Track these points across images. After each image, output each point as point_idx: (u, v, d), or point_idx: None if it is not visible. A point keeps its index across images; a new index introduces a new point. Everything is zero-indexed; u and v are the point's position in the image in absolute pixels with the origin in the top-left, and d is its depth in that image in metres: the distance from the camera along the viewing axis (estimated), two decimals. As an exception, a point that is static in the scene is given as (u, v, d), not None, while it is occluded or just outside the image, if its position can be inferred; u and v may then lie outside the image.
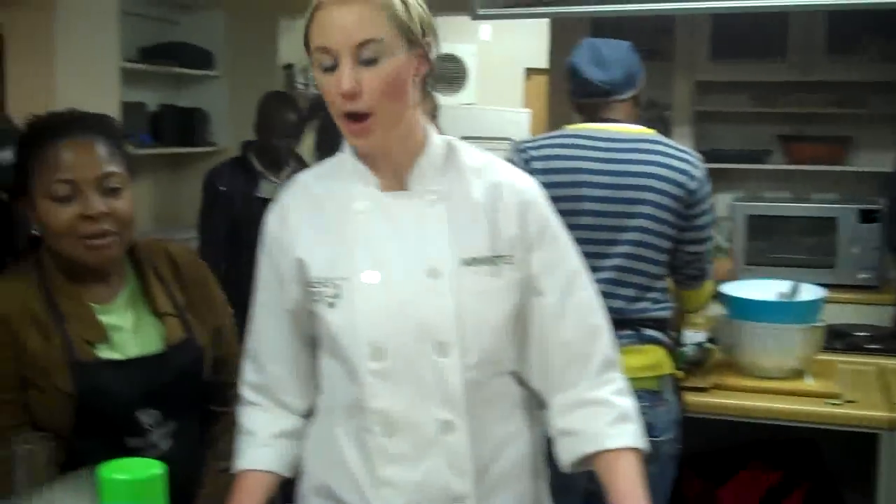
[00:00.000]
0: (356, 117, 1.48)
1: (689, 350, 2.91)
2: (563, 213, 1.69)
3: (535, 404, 1.67)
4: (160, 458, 1.64)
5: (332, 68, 1.46)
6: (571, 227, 1.69)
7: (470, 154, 1.64)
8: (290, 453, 1.68)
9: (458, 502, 1.57)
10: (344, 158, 1.62)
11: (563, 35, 5.23)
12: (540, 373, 1.62)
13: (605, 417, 1.58)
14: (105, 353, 1.74)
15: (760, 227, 4.90)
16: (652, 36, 5.04)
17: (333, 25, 1.45)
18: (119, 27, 4.69)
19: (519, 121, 7.10)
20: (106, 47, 4.68)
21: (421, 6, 1.53)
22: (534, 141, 2.68)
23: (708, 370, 2.96)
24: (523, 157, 2.60)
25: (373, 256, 1.55)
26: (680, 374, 2.65)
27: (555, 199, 1.70)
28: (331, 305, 1.56)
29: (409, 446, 1.57)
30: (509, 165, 1.68)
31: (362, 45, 1.45)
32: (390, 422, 1.56)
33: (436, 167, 1.59)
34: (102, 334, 1.75)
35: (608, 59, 2.63)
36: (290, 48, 5.66)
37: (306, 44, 1.51)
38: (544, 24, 5.75)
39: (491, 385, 1.59)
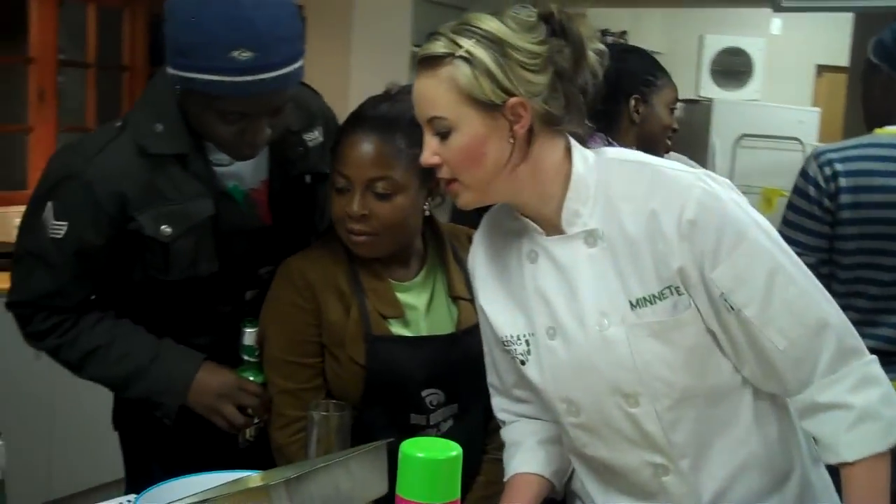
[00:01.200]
0: (447, 181, 1.47)
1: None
2: (876, 239, 1.54)
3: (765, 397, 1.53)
4: (441, 437, 1.70)
5: None
6: (886, 254, 1.53)
7: (620, 176, 1.49)
8: (557, 459, 1.65)
9: None
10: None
11: (870, 30, 4.91)
12: (767, 380, 1.48)
13: (842, 423, 1.43)
14: (398, 330, 1.79)
15: None
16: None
17: (415, 95, 1.46)
18: (413, 13, 4.85)
19: (807, 120, 6.79)
20: (399, 33, 4.85)
21: (501, 67, 1.40)
22: (838, 150, 2.28)
23: None
24: (826, 172, 2.24)
25: (548, 310, 1.50)
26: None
27: (865, 222, 1.55)
28: (523, 363, 1.55)
29: (633, 487, 1.56)
30: (662, 176, 1.46)
31: (430, 120, 1.43)
32: (607, 466, 1.56)
33: (586, 200, 1.48)
34: (399, 311, 1.79)
35: None
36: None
37: None
38: (844, 18, 5.43)
39: (695, 418, 1.49)
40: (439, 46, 1.41)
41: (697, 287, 1.42)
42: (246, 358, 1.85)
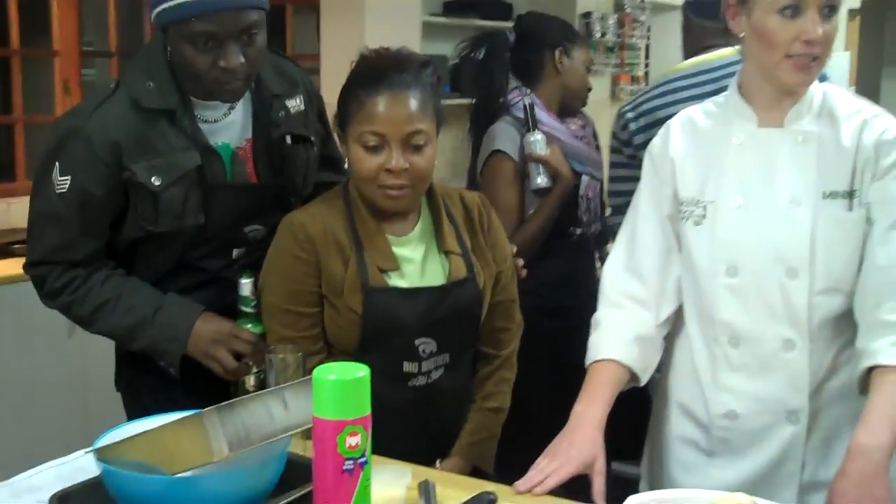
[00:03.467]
0: (811, 61, 1.65)
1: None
2: None
3: None
4: (431, 386, 1.92)
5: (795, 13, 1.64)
6: None
7: (843, 100, 1.75)
8: (644, 356, 1.81)
9: (793, 415, 1.73)
10: (729, 96, 1.80)
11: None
12: (858, 296, 1.69)
13: (891, 337, 1.60)
14: (394, 281, 1.88)
15: None
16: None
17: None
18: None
19: (838, 64, 6.71)
20: (410, 2, 4.92)
21: None
22: (631, 101, 2.60)
23: None
24: (619, 123, 2.56)
25: (741, 184, 1.73)
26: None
27: None
28: (696, 224, 1.77)
29: (751, 358, 1.74)
30: (879, 109, 1.76)
31: (830, 2, 1.63)
32: (736, 333, 1.75)
33: (811, 110, 1.72)
34: (395, 264, 1.89)
35: None
36: (588, -4, 5.69)
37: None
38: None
39: (832, 308, 1.71)
40: None
41: (866, 192, 1.68)
42: (243, 308, 1.96)
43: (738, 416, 1.76)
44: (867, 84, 4.99)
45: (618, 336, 1.80)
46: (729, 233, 1.74)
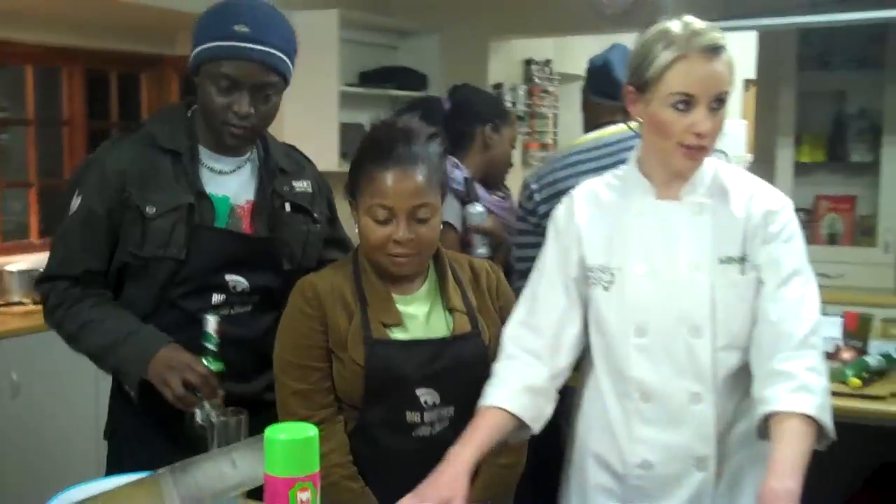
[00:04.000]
0: (699, 150, 1.81)
1: (871, 360, 2.89)
2: None
3: None
4: (436, 438, 1.95)
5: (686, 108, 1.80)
6: None
7: (732, 175, 1.91)
8: (534, 405, 1.91)
9: (701, 462, 1.87)
10: (628, 170, 1.95)
11: (772, 46, 5.18)
12: (753, 349, 1.84)
13: (788, 385, 1.74)
14: (396, 335, 1.96)
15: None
16: (863, 45, 4.92)
17: (707, 76, 1.79)
18: (340, 54, 5.07)
19: (733, 133, 7.03)
20: (327, 73, 5.07)
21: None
22: (535, 173, 2.78)
23: (891, 380, 2.90)
24: (525, 194, 2.73)
25: (644, 251, 1.88)
26: (857, 381, 2.64)
27: None
28: (605, 289, 1.91)
29: (662, 411, 1.88)
30: (763, 183, 1.92)
31: (719, 95, 1.78)
32: (647, 389, 1.88)
33: (704, 183, 1.87)
34: (397, 320, 1.96)
35: None
36: (499, 68, 5.90)
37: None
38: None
39: (732, 363, 1.86)
40: (721, 38, 1.80)
41: (756, 257, 1.83)
42: (205, 344, 2.03)
43: (653, 466, 1.89)
44: (763, 151, 5.27)
45: (508, 385, 1.90)
46: (636, 297, 1.88)
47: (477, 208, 2.88)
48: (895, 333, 3.20)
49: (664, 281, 1.87)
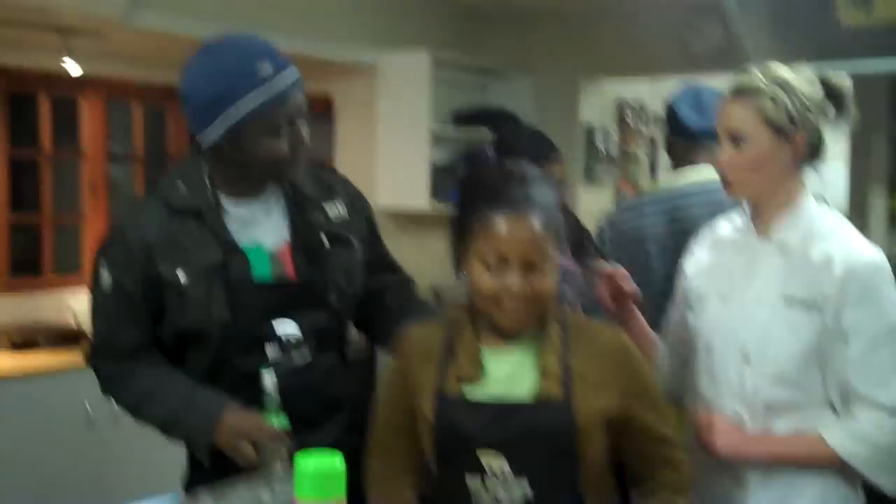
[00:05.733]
0: (726, 180, 2.01)
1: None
2: (633, 273, 2.18)
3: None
4: None
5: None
6: (641, 286, 2.17)
7: (826, 220, 2.00)
8: None
9: (739, 482, 2.01)
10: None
11: (863, 89, 5.09)
12: (832, 390, 1.96)
13: (848, 425, 1.93)
14: (471, 392, 1.82)
15: None
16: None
17: (723, 113, 2.00)
18: (432, 94, 5.19)
19: (834, 179, 6.90)
20: (419, 113, 5.19)
21: (796, 106, 1.93)
22: (609, 214, 2.87)
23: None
24: (598, 233, 2.83)
25: (727, 281, 2.06)
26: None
27: (623, 261, 2.25)
28: (691, 311, 2.12)
29: None
30: (857, 234, 1.99)
31: (732, 133, 1.96)
32: (706, 405, 2.07)
33: (796, 225, 1.98)
34: (477, 374, 1.82)
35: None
36: (590, 109, 5.94)
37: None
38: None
39: (778, 395, 1.96)
40: (753, 83, 1.95)
41: (832, 315, 1.91)
42: (266, 401, 2.01)
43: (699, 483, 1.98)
44: (855, 199, 5.18)
45: None
46: (708, 320, 2.07)
47: None
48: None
49: (731, 308, 2.03)
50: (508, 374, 1.82)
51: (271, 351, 2.09)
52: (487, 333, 1.85)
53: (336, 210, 2.23)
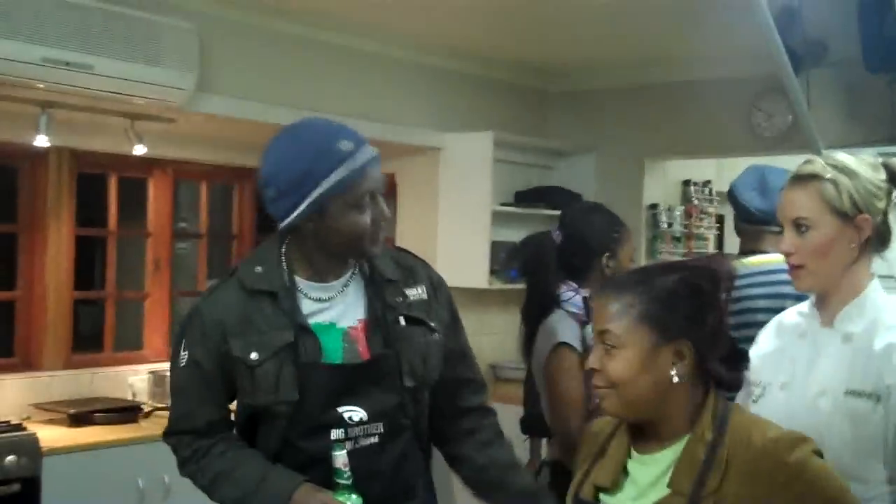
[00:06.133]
0: (794, 267, 1.98)
1: None
2: None
3: None
4: None
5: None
6: None
7: (891, 309, 1.96)
8: None
9: None
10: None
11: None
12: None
13: None
14: (608, 499, 1.76)
15: None
16: None
17: (785, 201, 2.00)
18: (494, 175, 5.19)
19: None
20: (481, 192, 5.20)
21: (859, 190, 1.91)
22: None
23: None
24: None
25: (790, 371, 2.01)
26: None
27: None
28: (755, 402, 2.04)
29: None
30: None
31: (795, 220, 1.95)
32: None
33: (861, 313, 1.95)
34: (614, 482, 1.76)
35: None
36: (654, 188, 5.89)
37: None
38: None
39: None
40: (815, 169, 1.94)
41: (892, 403, 1.86)
42: (337, 480, 2.00)
43: None
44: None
45: None
46: (769, 409, 1.94)
47: None
48: None
49: (793, 399, 1.96)
50: (650, 484, 1.71)
51: (336, 434, 2.07)
52: (641, 435, 1.77)
53: (417, 292, 2.22)
